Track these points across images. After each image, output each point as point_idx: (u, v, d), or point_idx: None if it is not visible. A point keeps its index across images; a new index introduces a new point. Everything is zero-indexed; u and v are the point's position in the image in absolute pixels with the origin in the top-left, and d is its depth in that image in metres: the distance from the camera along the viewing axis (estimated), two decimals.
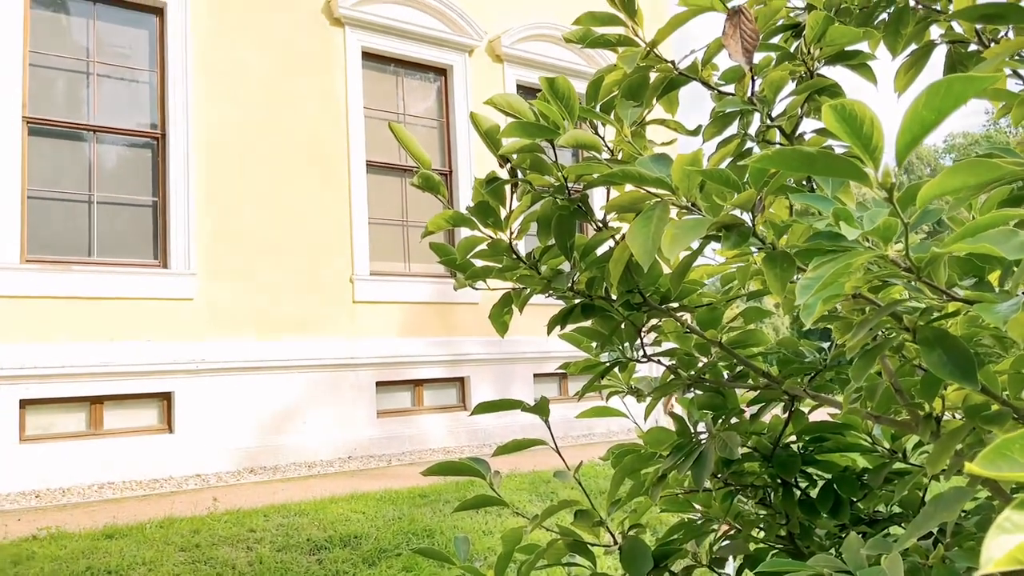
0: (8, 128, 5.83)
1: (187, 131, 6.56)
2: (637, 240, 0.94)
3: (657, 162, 1.04)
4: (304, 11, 7.34)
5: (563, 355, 8.28)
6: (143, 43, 6.64)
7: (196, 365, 6.32)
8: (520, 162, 1.27)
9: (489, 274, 1.45)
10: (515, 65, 8.71)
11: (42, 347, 5.75)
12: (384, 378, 7.38)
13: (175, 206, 6.46)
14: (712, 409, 1.48)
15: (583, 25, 1.32)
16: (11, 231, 5.77)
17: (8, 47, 5.88)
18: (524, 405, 1.40)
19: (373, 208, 7.66)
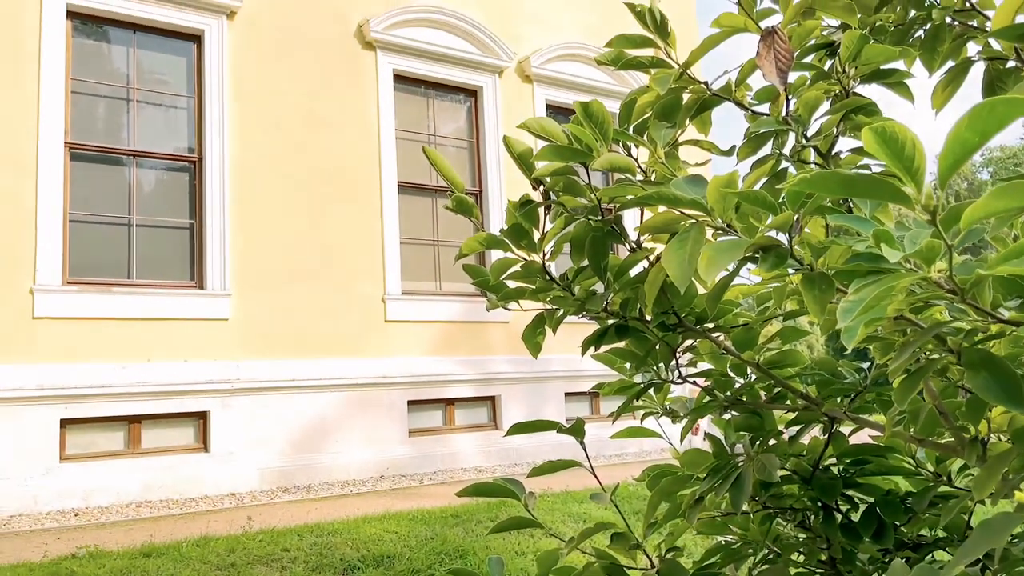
0: (51, 154, 6.00)
1: (223, 154, 6.69)
2: (673, 262, 0.94)
3: (692, 183, 1.04)
4: (336, 36, 7.47)
5: (594, 374, 8.25)
6: (181, 69, 6.80)
7: (231, 385, 6.40)
8: (553, 184, 1.28)
9: (522, 295, 1.45)
10: (544, 85, 8.76)
11: (82, 367, 5.86)
12: (416, 397, 7.40)
13: (211, 228, 6.58)
14: (749, 430, 1.47)
15: (616, 48, 1.33)
16: (53, 254, 5.92)
17: (51, 75, 6.06)
18: (559, 426, 1.39)
19: (404, 228, 7.73)
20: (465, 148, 8.37)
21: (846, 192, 0.70)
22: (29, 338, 5.76)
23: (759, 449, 1.40)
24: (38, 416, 5.64)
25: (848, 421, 1.33)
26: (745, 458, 1.38)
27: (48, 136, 6.00)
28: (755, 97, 1.30)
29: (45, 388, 5.66)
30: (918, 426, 1.09)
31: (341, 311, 7.16)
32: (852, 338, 0.74)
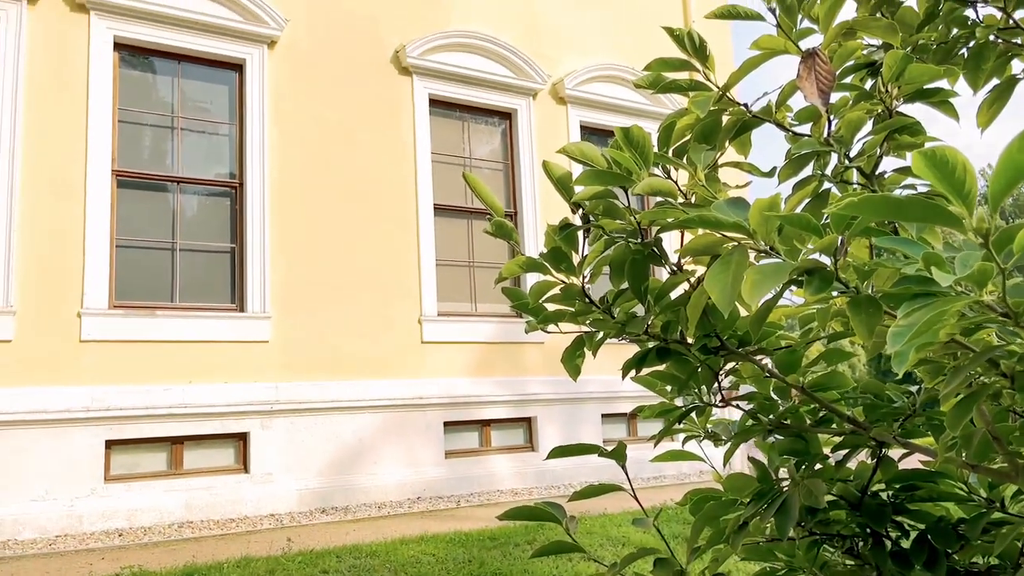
0: (99, 181, 6.18)
1: (263, 179, 6.83)
2: (716, 286, 0.94)
3: (733, 206, 1.04)
4: (373, 62, 7.60)
5: (632, 395, 8.19)
6: (223, 97, 6.97)
7: (270, 406, 6.48)
8: (593, 208, 1.28)
9: (562, 318, 1.45)
10: (578, 106, 8.80)
11: (127, 389, 5.98)
12: (452, 418, 7.41)
13: (251, 251, 6.70)
14: (794, 455, 1.44)
15: (654, 71, 1.34)
16: (101, 278, 6.07)
17: (99, 105, 6.26)
18: (600, 450, 1.38)
19: (440, 250, 7.79)
20: (500, 170, 8.43)
21: (896, 216, 0.69)
22: (77, 360, 5.90)
23: (804, 474, 1.38)
24: (85, 437, 5.76)
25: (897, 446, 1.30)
26: (790, 483, 1.36)
27: (96, 164, 6.18)
28: (795, 118, 1.30)
29: (92, 410, 5.79)
30: (971, 451, 1.06)
31: (378, 332, 7.22)
32: (903, 363, 0.73)
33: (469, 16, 8.24)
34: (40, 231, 5.94)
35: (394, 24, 7.77)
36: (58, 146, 6.09)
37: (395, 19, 7.79)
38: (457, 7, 8.20)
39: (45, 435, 5.64)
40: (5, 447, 5.52)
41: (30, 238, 5.89)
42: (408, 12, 7.88)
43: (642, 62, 9.28)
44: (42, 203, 5.97)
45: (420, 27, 7.89)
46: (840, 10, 1.14)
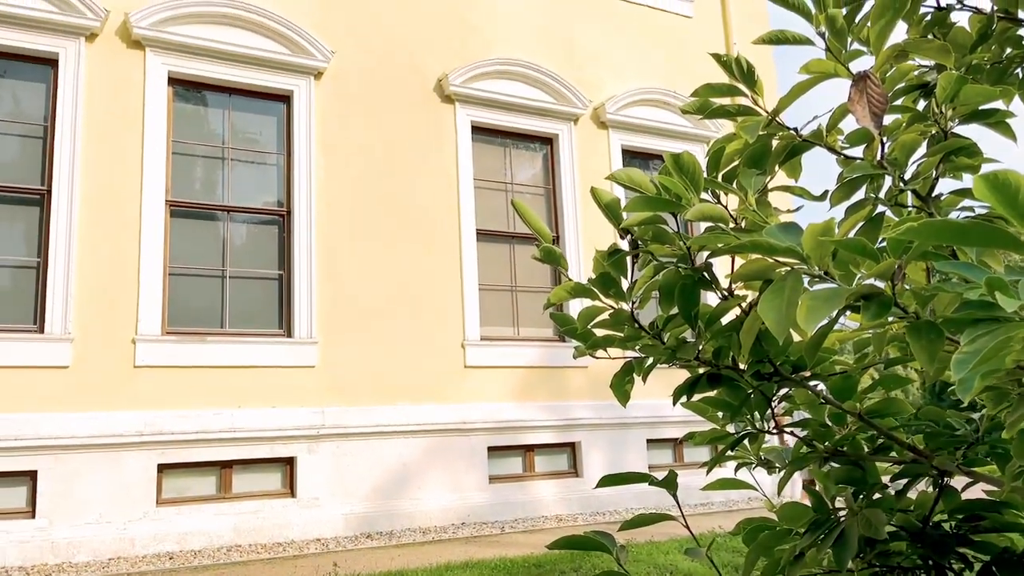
0: (154, 211, 6.37)
1: (310, 207, 6.96)
2: (770, 312, 0.93)
3: (786, 231, 1.03)
4: (417, 91, 7.73)
5: (678, 420, 8.08)
6: (271, 128, 7.15)
7: (317, 431, 6.55)
8: (642, 233, 1.29)
9: (611, 343, 1.45)
10: (619, 130, 8.81)
11: (179, 414, 6.11)
12: (496, 443, 7.40)
13: (298, 278, 6.82)
14: (851, 483, 1.41)
15: (701, 96, 1.34)
16: (154, 305, 6.24)
17: (154, 138, 6.47)
18: (651, 479, 1.37)
19: (483, 274, 7.83)
20: (542, 195, 8.46)
21: (957, 241, 0.68)
22: (131, 386, 6.05)
23: (863, 503, 1.35)
24: (138, 461, 5.89)
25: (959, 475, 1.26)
26: (848, 513, 1.33)
27: (151, 194, 6.38)
28: (847, 141, 1.28)
29: (145, 434, 5.92)
30: None
31: (422, 357, 7.26)
32: (968, 391, 0.71)
33: (510, 44, 8.35)
34: (97, 260, 6.13)
35: (437, 53, 7.90)
36: (115, 178, 6.30)
37: (438, 49, 7.92)
38: (498, 35, 8.31)
39: (100, 459, 5.78)
40: (62, 471, 5.66)
41: (88, 267, 6.08)
42: (450, 41, 8.01)
43: (683, 85, 9.28)
44: (99, 233, 6.17)
45: (462, 56, 8.01)
46: (891, 33, 1.13)
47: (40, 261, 6.05)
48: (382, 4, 7.73)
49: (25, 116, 6.25)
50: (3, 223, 6.05)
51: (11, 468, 5.56)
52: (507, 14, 8.42)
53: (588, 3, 8.99)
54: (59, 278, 5.95)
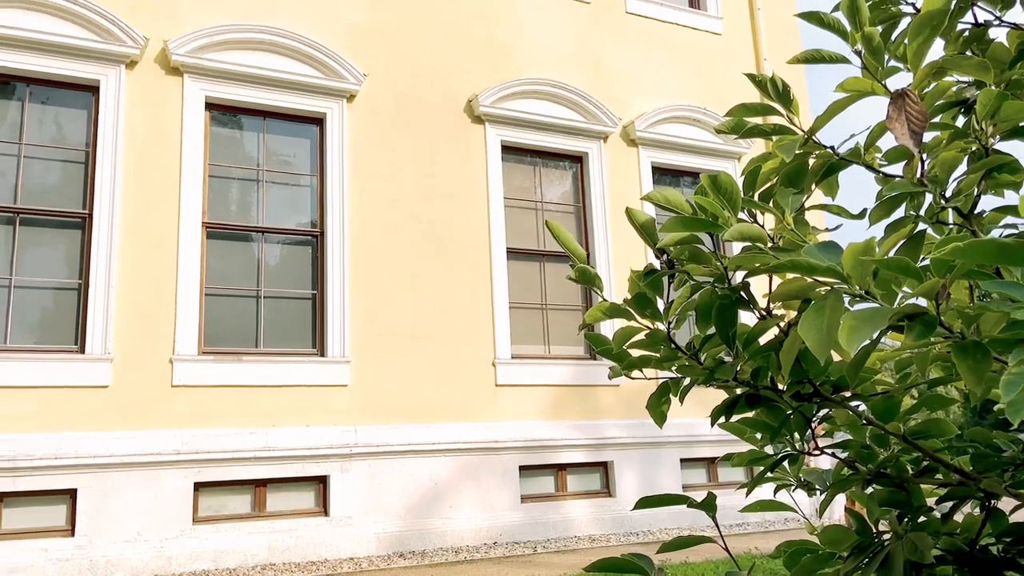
0: (191, 233, 6.49)
1: (343, 228, 7.05)
2: (811, 332, 0.92)
3: (825, 250, 1.02)
4: (447, 112, 7.81)
5: (712, 440, 7.98)
6: (305, 150, 7.27)
7: (349, 449, 6.58)
8: (678, 253, 1.28)
9: (648, 364, 1.44)
10: (649, 148, 8.80)
11: (214, 432, 6.18)
12: (527, 462, 7.36)
13: (331, 297, 6.89)
14: (894, 506, 1.38)
15: (736, 116, 1.34)
16: (191, 326, 6.34)
17: (192, 162, 6.61)
18: (690, 501, 1.36)
19: (513, 292, 7.84)
20: (572, 213, 8.47)
21: (1004, 261, 0.67)
22: (168, 405, 6.15)
23: (907, 526, 1.32)
24: (175, 479, 5.97)
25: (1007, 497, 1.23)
26: (892, 536, 1.30)
27: (188, 217, 6.50)
28: (885, 158, 1.27)
29: (182, 453, 6.00)
30: None
31: (453, 375, 7.28)
32: (1018, 412, 0.70)
33: (539, 64, 8.40)
34: (136, 281, 6.25)
35: (467, 75, 7.98)
36: (153, 201, 6.44)
37: (468, 70, 8.00)
38: (527, 56, 8.37)
39: (138, 477, 5.87)
40: (101, 489, 5.75)
41: (127, 288, 6.21)
42: (480, 62, 8.08)
43: (713, 102, 9.26)
44: (138, 255, 6.30)
45: (492, 77, 8.08)
46: (929, 50, 1.13)
47: (81, 283, 6.19)
48: (413, 27, 7.84)
49: (67, 142, 6.42)
50: (46, 246, 6.20)
51: (52, 486, 5.66)
52: (536, 35, 8.49)
53: (616, 22, 9.03)
54: (99, 299, 6.08)
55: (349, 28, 7.52)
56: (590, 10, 8.89)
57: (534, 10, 8.54)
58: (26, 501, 5.64)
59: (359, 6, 7.64)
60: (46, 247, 6.21)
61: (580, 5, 8.84)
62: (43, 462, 5.62)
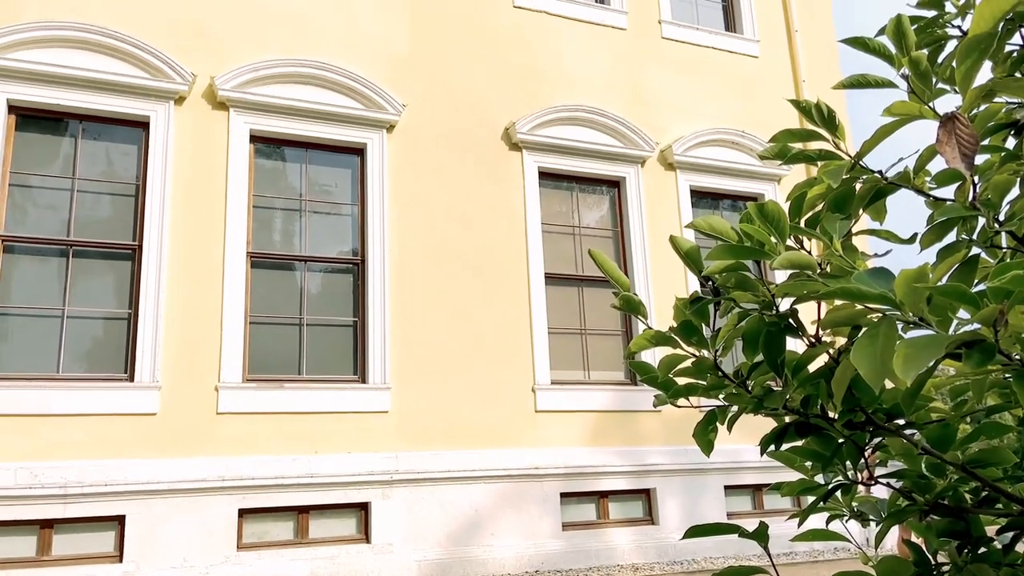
0: (236, 263, 6.63)
1: (383, 256, 7.13)
2: (864, 360, 0.91)
3: (877, 277, 1.01)
4: (485, 139, 7.89)
5: (756, 467, 7.83)
6: (346, 179, 7.40)
7: (390, 476, 6.59)
8: (724, 281, 1.28)
9: (695, 392, 1.43)
10: (687, 171, 8.77)
11: (258, 459, 6.26)
12: (568, 489, 7.30)
13: (372, 324, 6.96)
14: (953, 537, 1.34)
15: (780, 142, 1.33)
16: (236, 353, 6.45)
17: (237, 193, 6.77)
18: (742, 531, 1.34)
19: (552, 318, 7.83)
20: (609, 237, 8.46)
21: None
22: (213, 432, 6.24)
23: (967, 558, 1.28)
24: (220, 506, 6.04)
25: None
26: (951, 568, 1.27)
27: (233, 247, 6.64)
28: (935, 181, 1.26)
29: (226, 479, 6.07)
30: None
31: (493, 402, 7.27)
32: None
33: (576, 90, 8.46)
34: (183, 311, 6.39)
35: (503, 102, 8.06)
36: (200, 232, 6.60)
37: (504, 98, 8.09)
38: (564, 83, 8.43)
39: (184, 504, 5.95)
40: (148, 515, 5.85)
41: (175, 317, 6.35)
42: (517, 90, 8.17)
43: (752, 125, 9.21)
44: (185, 285, 6.45)
45: (528, 104, 8.15)
46: (978, 72, 1.12)
47: (131, 312, 6.35)
48: (451, 58, 7.97)
49: (118, 176, 6.63)
50: (98, 277, 6.39)
51: (101, 513, 5.77)
52: (573, 62, 8.55)
53: (653, 48, 9.06)
54: (148, 329, 6.22)
55: (389, 60, 7.67)
56: (626, 36, 8.94)
57: (571, 38, 8.62)
58: (76, 528, 5.76)
59: (399, 39, 7.79)
60: (97, 278, 6.39)
61: (616, 32, 8.90)
62: (93, 489, 5.74)
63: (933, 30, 1.28)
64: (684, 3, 9.61)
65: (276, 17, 7.32)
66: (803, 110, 1.23)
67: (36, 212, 6.36)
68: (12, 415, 5.78)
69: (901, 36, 1.11)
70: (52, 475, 5.68)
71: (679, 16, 9.47)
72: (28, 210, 6.34)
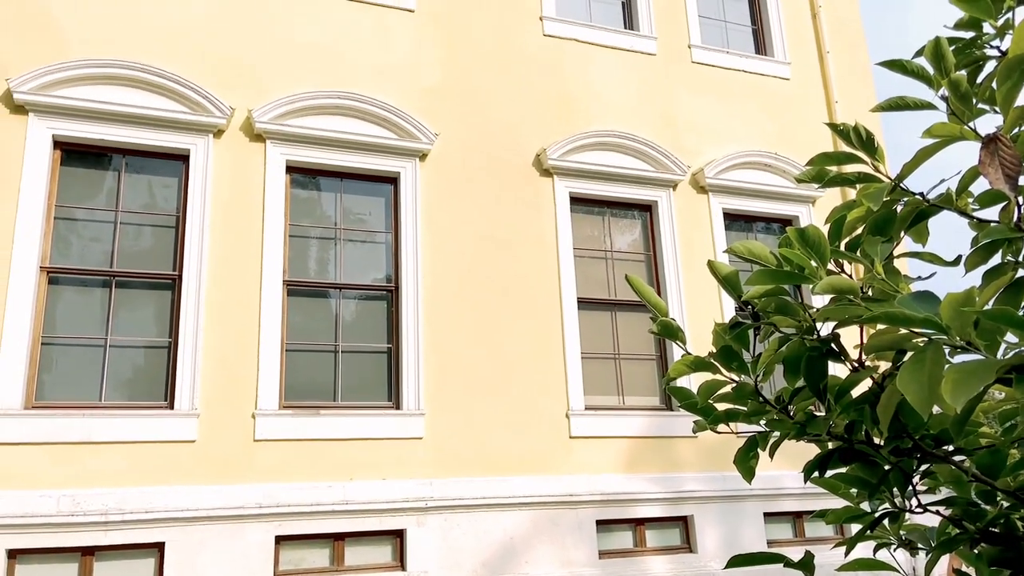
0: (272, 291, 6.72)
1: (416, 282, 7.19)
2: (911, 386, 0.89)
3: (922, 300, 0.99)
4: (516, 166, 7.95)
5: (797, 493, 7.67)
6: (380, 208, 7.49)
7: (425, 503, 6.58)
8: (764, 306, 1.27)
9: (736, 418, 1.42)
10: (719, 194, 8.73)
11: (295, 486, 6.29)
12: (604, 516, 7.21)
13: (406, 351, 6.99)
14: (1006, 565, 1.31)
15: (817, 165, 1.33)
16: (272, 381, 6.52)
17: (273, 223, 6.88)
18: (786, 560, 1.31)
19: (585, 343, 7.80)
20: (642, 261, 8.43)
21: None
22: (250, 459, 6.30)
23: None
24: (257, 533, 6.07)
25: None
26: None
27: (270, 275, 6.75)
28: (977, 202, 1.24)
29: (263, 506, 6.11)
30: None
31: (526, 428, 7.24)
32: None
33: (606, 116, 8.49)
34: (221, 339, 6.49)
35: (534, 129, 8.12)
36: (238, 261, 6.71)
37: (535, 124, 8.15)
38: (594, 108, 8.48)
39: (223, 531, 6.00)
40: (187, 542, 5.90)
41: (213, 346, 6.45)
42: (547, 117, 8.23)
43: (784, 147, 9.15)
44: (223, 313, 6.55)
45: (559, 130, 8.20)
46: (1019, 93, 1.10)
47: (171, 341, 6.46)
48: (482, 86, 8.06)
49: (159, 208, 6.79)
50: (139, 307, 6.52)
51: (141, 540, 5.84)
52: (603, 88, 8.60)
53: (683, 72, 9.08)
54: (187, 357, 6.33)
55: (421, 90, 7.78)
56: (656, 61, 8.97)
57: (601, 64, 8.68)
58: (116, 555, 5.82)
59: (431, 69, 7.91)
60: (138, 308, 6.52)
61: (646, 57, 8.94)
62: (133, 516, 5.81)
63: (971, 51, 1.27)
64: (714, 27, 9.62)
65: (311, 50, 7.49)
66: (841, 133, 1.22)
67: (80, 244, 6.53)
68: (55, 443, 5.89)
69: (940, 58, 1.10)
70: (93, 502, 5.77)
71: (709, 40, 9.48)
72: (72, 242, 6.51)
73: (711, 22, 9.64)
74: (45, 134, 6.45)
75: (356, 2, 7.81)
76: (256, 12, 7.41)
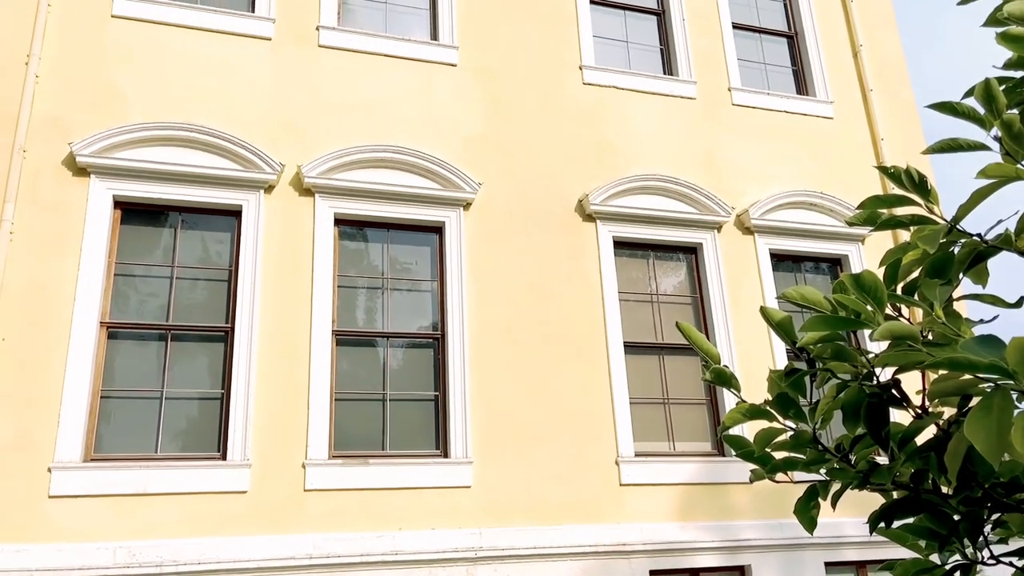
0: (322, 342, 6.82)
1: (463, 330, 7.22)
2: (980, 434, 0.87)
3: (985, 345, 0.97)
4: (559, 212, 8.00)
5: (859, 541, 7.39)
6: (425, 257, 7.59)
7: (475, 553, 6.50)
8: (819, 352, 1.25)
9: (795, 467, 1.39)
10: (766, 235, 8.65)
11: (344, 536, 6.28)
12: (658, 567, 7.03)
13: (453, 398, 7.00)
14: None
15: (868, 208, 1.32)
16: (322, 430, 6.57)
17: (323, 275, 7.02)
18: None
19: (633, 387, 7.71)
20: (689, 304, 8.35)
21: None
22: (301, 509, 6.32)
23: None
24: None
25: None
26: None
27: (319, 326, 6.85)
28: None
29: (314, 557, 6.11)
30: None
31: (575, 475, 7.14)
32: None
33: (648, 160, 8.53)
34: (272, 390, 6.59)
35: (576, 175, 8.19)
36: (288, 312, 6.85)
37: (577, 171, 8.21)
38: (635, 153, 8.52)
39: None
40: None
41: (264, 397, 6.54)
42: (589, 163, 8.29)
43: (830, 186, 9.05)
44: (275, 365, 6.66)
45: (601, 175, 8.25)
46: None
47: (224, 392, 6.58)
48: (524, 135, 8.18)
49: (212, 262, 6.98)
50: (193, 359, 6.67)
51: None
52: (644, 133, 8.65)
53: (724, 115, 9.09)
54: (239, 408, 6.43)
55: (464, 140, 7.93)
56: (697, 105, 9.01)
57: (641, 110, 8.75)
58: None
59: (474, 120, 8.06)
60: (193, 360, 6.67)
61: (686, 102, 8.99)
62: (187, 568, 5.85)
63: (1021, 91, 1.26)
64: (754, 70, 9.65)
65: (356, 106, 7.71)
66: (892, 176, 1.21)
67: (138, 299, 6.73)
68: (112, 495, 6.00)
69: (991, 99, 1.10)
70: (149, 554, 5.83)
71: (749, 83, 9.51)
72: (130, 297, 6.73)
73: (751, 65, 9.67)
74: (106, 195, 6.72)
75: (400, 59, 8.04)
76: (303, 73, 7.68)
